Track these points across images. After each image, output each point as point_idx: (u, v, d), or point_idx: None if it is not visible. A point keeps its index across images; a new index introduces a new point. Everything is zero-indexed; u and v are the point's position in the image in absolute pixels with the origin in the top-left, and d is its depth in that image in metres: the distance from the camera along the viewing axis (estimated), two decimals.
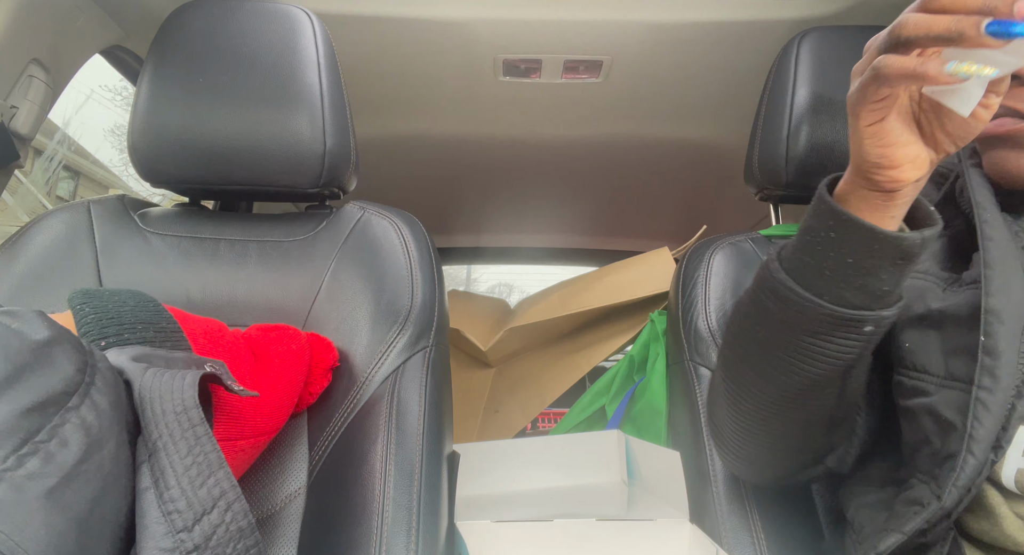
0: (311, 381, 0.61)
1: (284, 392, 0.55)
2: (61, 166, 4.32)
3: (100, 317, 0.45)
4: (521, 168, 1.44)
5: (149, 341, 0.46)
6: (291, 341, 0.59)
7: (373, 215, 0.73)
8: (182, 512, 0.36)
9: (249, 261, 0.70)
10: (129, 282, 0.67)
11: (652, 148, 1.33)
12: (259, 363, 0.56)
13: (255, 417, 0.50)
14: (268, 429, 0.53)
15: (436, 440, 0.61)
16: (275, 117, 0.69)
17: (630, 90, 1.12)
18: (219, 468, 0.38)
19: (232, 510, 0.38)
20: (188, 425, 0.38)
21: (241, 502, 0.38)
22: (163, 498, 0.36)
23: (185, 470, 0.37)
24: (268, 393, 0.53)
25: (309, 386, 0.61)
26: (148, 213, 0.74)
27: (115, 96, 5.28)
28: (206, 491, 0.37)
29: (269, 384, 0.54)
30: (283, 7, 0.72)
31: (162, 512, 0.36)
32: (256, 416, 0.51)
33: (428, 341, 0.65)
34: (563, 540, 0.60)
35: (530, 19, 0.94)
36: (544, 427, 1.75)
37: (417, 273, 0.67)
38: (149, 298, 0.50)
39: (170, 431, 0.38)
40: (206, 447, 0.38)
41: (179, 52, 0.70)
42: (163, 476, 0.37)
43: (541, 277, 10.08)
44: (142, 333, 0.46)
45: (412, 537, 0.53)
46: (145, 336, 0.46)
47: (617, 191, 1.53)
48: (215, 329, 0.54)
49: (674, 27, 0.94)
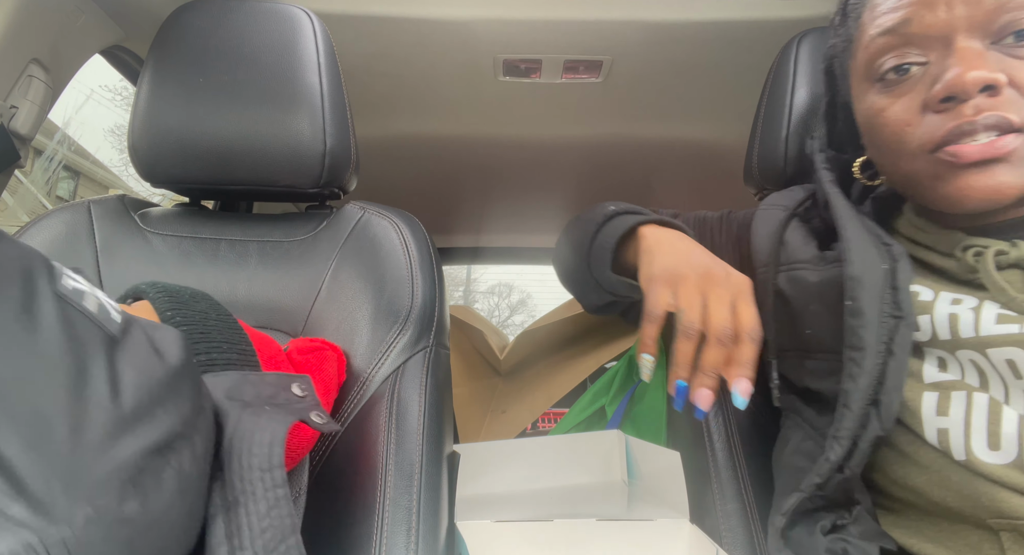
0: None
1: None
2: (61, 166, 4.32)
3: (191, 331, 0.42)
4: (521, 168, 1.44)
5: (233, 363, 0.43)
6: (328, 362, 0.57)
7: (373, 215, 0.73)
8: None
9: (249, 261, 0.70)
10: (129, 282, 0.67)
11: (652, 148, 1.33)
12: None
13: (294, 440, 0.48)
14: (301, 450, 0.50)
15: (436, 440, 0.61)
16: (275, 117, 0.69)
17: (630, 90, 1.12)
18: (291, 534, 0.36)
19: None
20: (271, 485, 0.36)
21: None
22: None
23: (261, 532, 0.35)
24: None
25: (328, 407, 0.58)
26: (148, 213, 0.74)
27: (115, 96, 5.29)
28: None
29: None
30: (283, 7, 0.72)
31: None
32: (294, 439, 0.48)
33: (428, 341, 0.65)
34: (563, 540, 0.60)
35: (530, 19, 0.94)
36: (544, 427, 1.76)
37: (417, 273, 0.67)
38: (224, 310, 0.47)
39: (252, 488, 0.36)
40: (283, 511, 0.36)
41: (179, 52, 0.70)
42: (239, 533, 0.35)
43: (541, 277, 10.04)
44: (227, 354, 0.43)
45: (412, 537, 0.53)
46: (231, 358, 0.43)
47: (617, 191, 1.54)
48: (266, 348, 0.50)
49: (674, 27, 0.94)
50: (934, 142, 0.47)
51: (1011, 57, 0.45)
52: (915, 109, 0.48)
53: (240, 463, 0.36)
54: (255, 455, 0.36)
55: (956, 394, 0.48)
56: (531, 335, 1.60)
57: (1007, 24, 0.44)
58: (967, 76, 0.44)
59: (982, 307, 0.48)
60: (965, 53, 0.45)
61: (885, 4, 0.49)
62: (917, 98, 0.48)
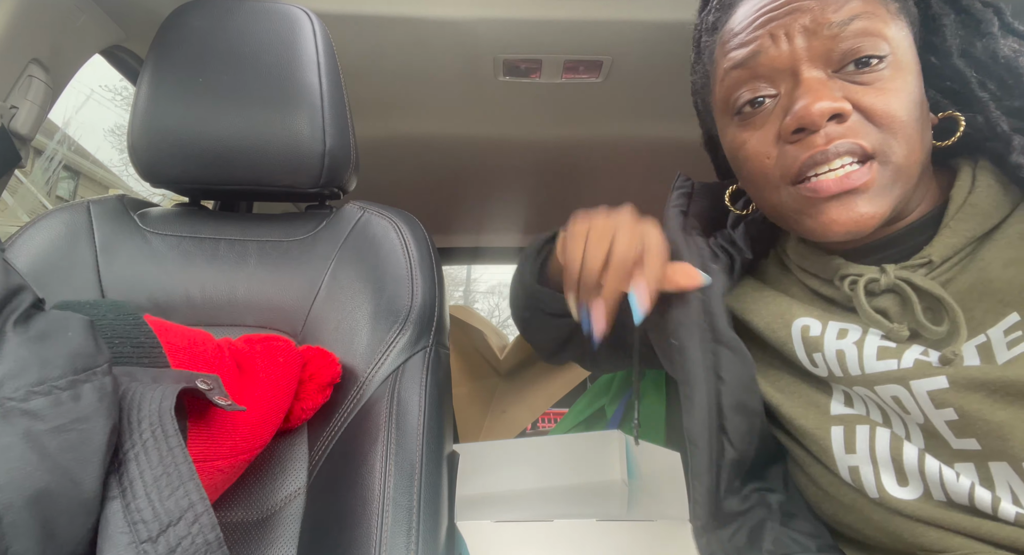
0: (304, 396, 0.59)
1: (268, 408, 0.54)
2: (61, 166, 4.33)
3: None
4: (521, 168, 1.44)
5: (127, 356, 0.46)
6: (279, 354, 0.58)
7: (373, 215, 0.73)
8: (147, 522, 0.36)
9: (249, 261, 0.70)
10: (129, 282, 0.67)
11: (652, 148, 1.33)
12: (243, 377, 0.54)
13: (233, 436, 0.50)
14: (247, 448, 0.51)
15: (436, 440, 0.61)
16: (275, 117, 0.69)
17: (630, 90, 1.12)
18: (189, 479, 0.38)
19: (200, 522, 0.37)
20: (162, 436, 0.39)
21: (209, 515, 0.38)
22: (129, 508, 0.36)
23: (155, 481, 0.37)
24: (250, 410, 0.52)
25: (301, 401, 0.59)
26: (148, 213, 0.74)
27: (115, 96, 5.29)
28: (174, 502, 0.37)
29: (252, 400, 0.53)
30: (283, 7, 0.72)
31: (127, 522, 0.36)
32: (235, 435, 0.50)
33: (428, 341, 0.65)
34: (563, 540, 0.60)
35: (530, 19, 0.94)
36: (544, 427, 1.76)
37: (417, 273, 0.67)
38: (130, 311, 0.50)
39: (143, 441, 0.38)
40: (178, 458, 0.38)
41: (179, 52, 0.70)
42: (131, 486, 0.37)
43: None
44: (119, 348, 0.46)
45: (412, 537, 0.53)
46: (122, 351, 0.46)
47: (617, 191, 1.53)
48: (198, 342, 0.53)
49: (674, 27, 0.94)
50: (792, 174, 0.48)
51: (854, 83, 0.46)
52: (771, 141, 0.49)
53: (130, 420, 0.39)
54: (144, 411, 0.39)
55: (860, 428, 0.48)
56: None
57: (846, 53, 0.46)
58: (813, 107, 0.45)
59: (865, 339, 0.48)
60: (811, 84, 0.46)
61: (734, 39, 0.50)
62: (772, 130, 0.49)
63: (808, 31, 0.46)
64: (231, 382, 0.52)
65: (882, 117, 0.45)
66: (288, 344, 0.60)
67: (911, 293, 0.46)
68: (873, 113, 0.45)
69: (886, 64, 0.46)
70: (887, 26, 0.46)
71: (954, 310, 0.44)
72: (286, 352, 0.58)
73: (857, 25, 0.45)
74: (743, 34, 0.49)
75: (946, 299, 0.45)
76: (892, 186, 0.46)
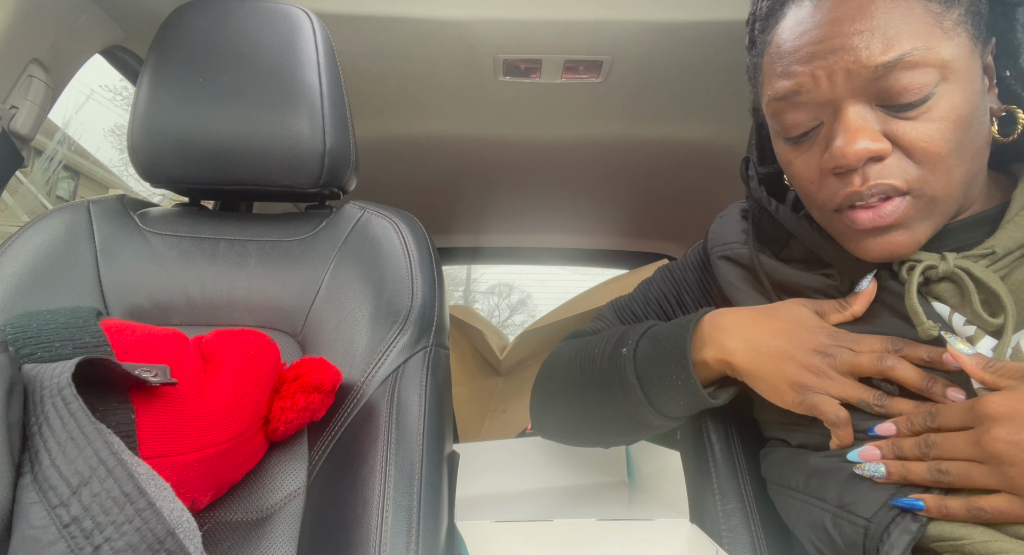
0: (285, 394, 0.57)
1: (234, 398, 0.53)
2: (61, 166, 4.32)
3: (18, 336, 0.47)
4: (521, 168, 1.44)
5: (66, 357, 0.46)
6: (250, 346, 0.57)
7: (373, 215, 0.73)
8: (56, 488, 0.36)
9: (249, 261, 0.70)
10: (129, 282, 0.67)
11: (652, 148, 1.33)
12: (208, 368, 0.54)
13: (195, 429, 0.49)
14: (216, 440, 0.50)
15: (436, 440, 0.61)
16: (275, 117, 0.69)
17: (630, 90, 1.12)
18: (96, 439, 0.38)
19: (113, 476, 0.37)
20: (62, 404, 0.39)
21: (124, 468, 0.37)
22: (37, 478, 0.36)
23: (59, 447, 0.37)
24: (214, 400, 0.51)
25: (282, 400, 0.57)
26: (148, 213, 0.74)
27: (115, 96, 5.28)
28: (82, 461, 0.37)
29: (215, 390, 0.52)
30: (283, 7, 0.72)
31: (38, 491, 0.36)
32: (199, 427, 0.49)
33: (428, 341, 0.65)
34: (563, 540, 0.60)
35: (530, 19, 0.94)
36: None
37: (417, 273, 0.67)
38: (86, 315, 0.50)
39: (45, 413, 0.38)
40: (81, 421, 0.38)
41: (179, 52, 0.70)
42: (37, 457, 0.37)
43: (541, 277, 10.02)
44: (59, 350, 0.47)
45: (412, 537, 0.53)
46: (62, 353, 0.46)
47: (617, 191, 1.54)
48: (160, 339, 0.52)
49: (674, 27, 0.94)
50: (834, 205, 0.49)
51: (896, 118, 0.45)
52: (815, 167, 0.50)
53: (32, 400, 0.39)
54: (45, 387, 0.39)
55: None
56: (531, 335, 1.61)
57: (891, 95, 0.45)
58: (848, 150, 0.45)
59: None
60: (850, 122, 0.46)
61: (779, 63, 0.49)
62: (816, 156, 0.49)
63: (851, 73, 0.45)
64: (194, 374, 0.52)
65: (922, 155, 0.45)
66: (263, 338, 0.59)
67: (969, 282, 0.46)
68: (913, 150, 0.45)
69: (935, 91, 0.44)
70: (940, 51, 0.44)
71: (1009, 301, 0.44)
72: (259, 346, 0.58)
73: (905, 63, 0.44)
74: (787, 60, 0.48)
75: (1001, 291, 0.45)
76: (928, 215, 0.47)
